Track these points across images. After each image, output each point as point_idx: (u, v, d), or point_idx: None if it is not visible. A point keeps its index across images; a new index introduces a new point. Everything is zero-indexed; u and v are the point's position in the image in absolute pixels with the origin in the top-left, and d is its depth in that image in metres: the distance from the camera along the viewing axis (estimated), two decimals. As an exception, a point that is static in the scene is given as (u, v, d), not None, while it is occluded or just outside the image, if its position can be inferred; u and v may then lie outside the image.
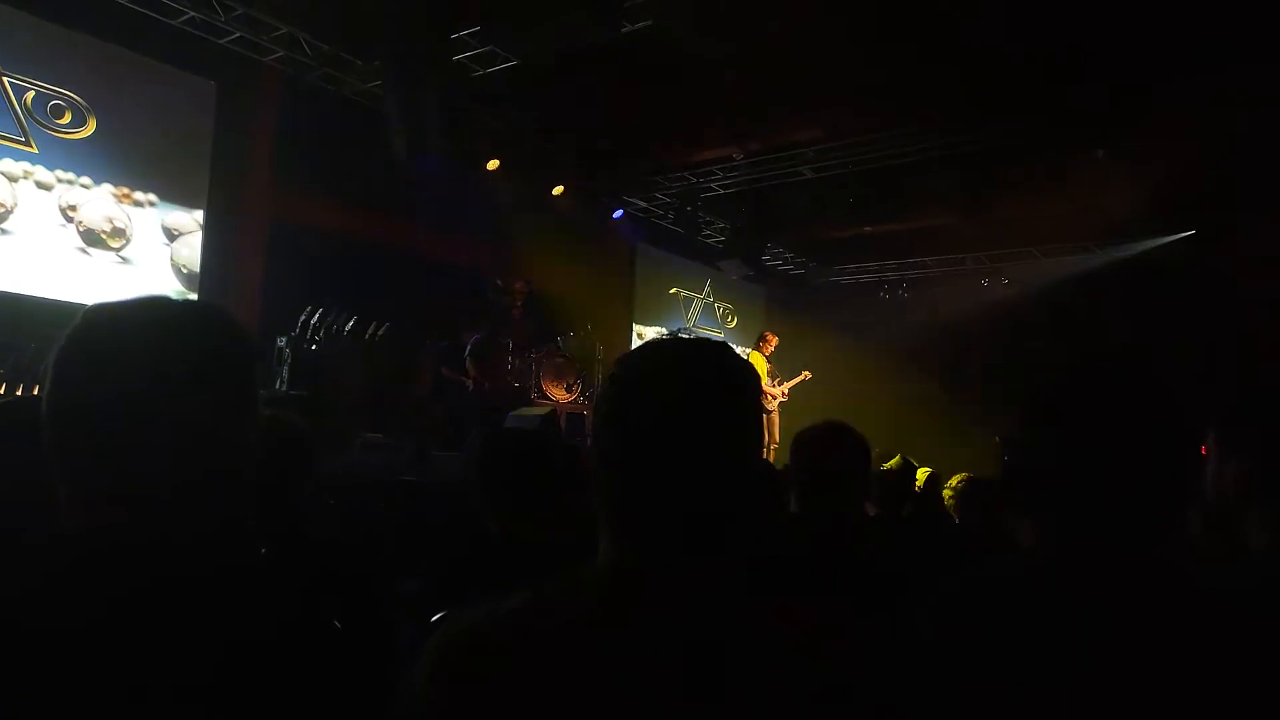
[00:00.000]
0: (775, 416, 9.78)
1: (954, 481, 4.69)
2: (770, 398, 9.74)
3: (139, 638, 0.81)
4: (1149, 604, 1.01)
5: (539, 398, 8.48)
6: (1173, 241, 10.74)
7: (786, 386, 9.97)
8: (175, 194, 7.74)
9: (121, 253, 7.21)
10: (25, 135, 6.78)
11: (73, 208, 6.92)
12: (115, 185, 7.29)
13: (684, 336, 1.06)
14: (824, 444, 2.02)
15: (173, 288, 7.46)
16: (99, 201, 7.07)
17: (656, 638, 0.88)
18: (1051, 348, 10.26)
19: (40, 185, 6.82)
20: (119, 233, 7.15)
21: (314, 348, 7.41)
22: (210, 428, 0.92)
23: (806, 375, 10.24)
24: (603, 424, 0.97)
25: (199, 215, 7.90)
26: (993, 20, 6.68)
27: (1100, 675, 0.97)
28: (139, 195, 7.38)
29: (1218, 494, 1.38)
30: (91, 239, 7.03)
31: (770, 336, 10.10)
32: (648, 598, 0.90)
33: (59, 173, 6.94)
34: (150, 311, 0.94)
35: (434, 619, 1.75)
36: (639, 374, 0.99)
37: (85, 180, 7.09)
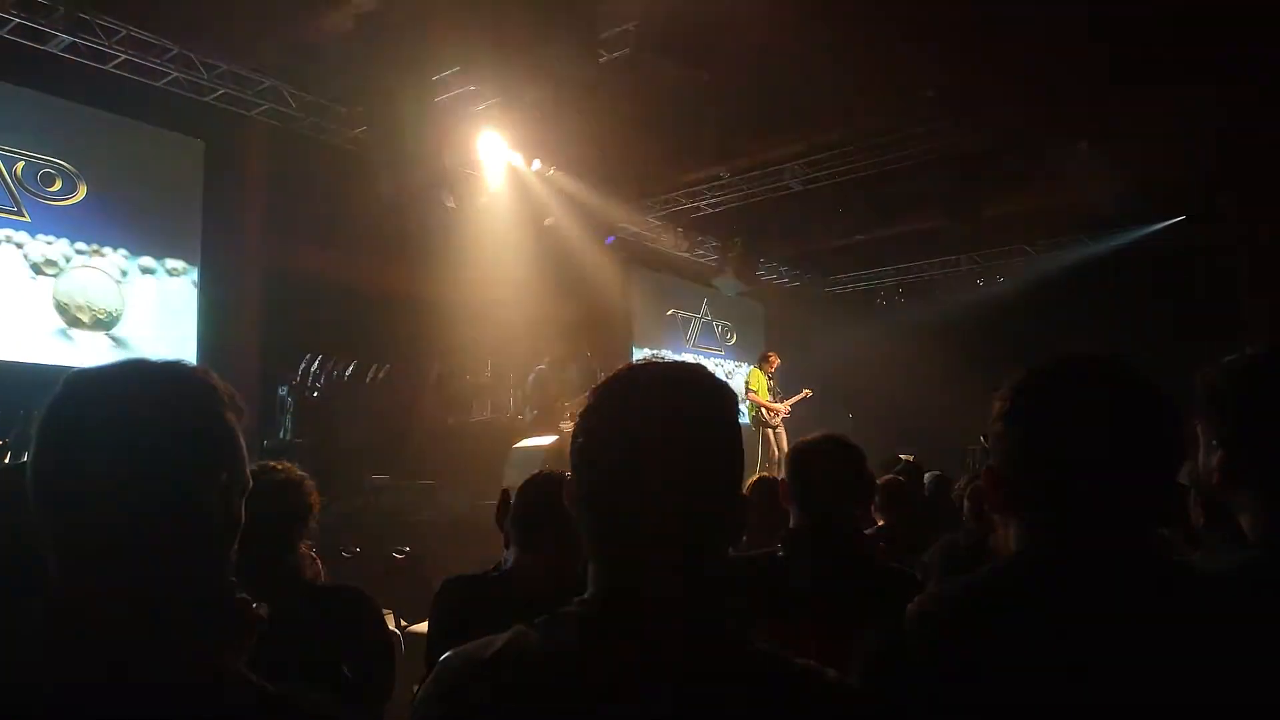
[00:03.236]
0: (782, 432, 9.77)
1: (963, 483, 4.67)
2: (774, 413, 9.74)
3: (131, 710, 0.82)
4: (1137, 602, 1.01)
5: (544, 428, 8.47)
6: (1165, 227, 10.76)
7: (788, 404, 10.00)
8: (169, 252, 7.80)
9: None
10: (17, 205, 6.86)
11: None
12: (111, 249, 7.37)
13: (657, 360, 1.06)
14: (818, 457, 2.02)
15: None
16: (36, 243, 7.09)
17: (645, 668, 0.88)
18: (1051, 342, 10.24)
19: (15, 244, 6.88)
20: (52, 263, 7.14)
21: (316, 395, 7.43)
22: (194, 493, 0.92)
23: (807, 393, 10.28)
24: (580, 456, 0.97)
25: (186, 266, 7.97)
26: (969, 20, 6.73)
27: (1096, 676, 0.97)
28: (106, 249, 7.45)
29: (1205, 478, 1.38)
30: (36, 269, 7.06)
31: (773, 357, 10.15)
32: (636, 627, 0.90)
33: (44, 237, 7.01)
34: (130, 378, 0.95)
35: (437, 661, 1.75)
36: (614, 403, 0.99)
37: (80, 245, 7.17)
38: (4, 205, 6.79)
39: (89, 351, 7.02)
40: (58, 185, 7.11)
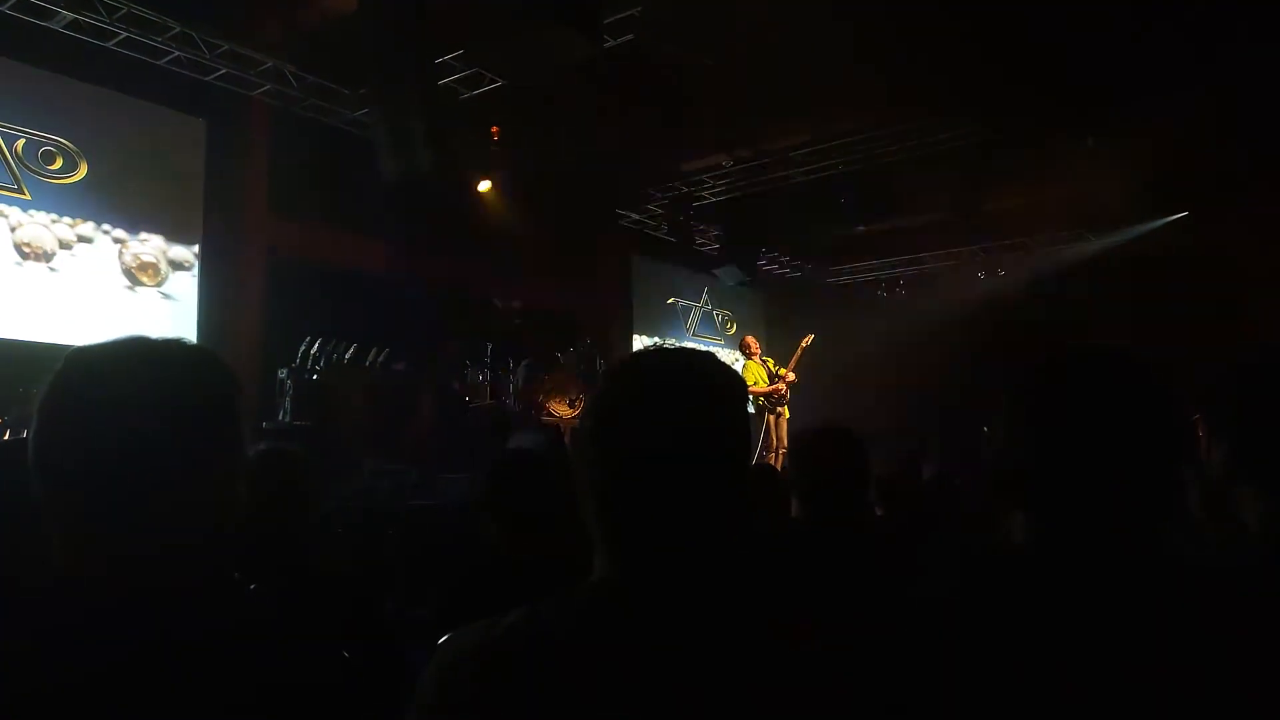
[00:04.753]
0: (783, 421, 9.75)
1: (965, 476, 4.67)
2: (778, 395, 9.67)
3: (131, 697, 0.82)
4: (1141, 597, 1.00)
5: (543, 415, 8.47)
6: (1169, 223, 10.74)
7: (792, 366, 9.85)
8: (170, 231, 7.78)
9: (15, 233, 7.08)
10: (18, 183, 6.83)
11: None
12: (109, 227, 7.35)
13: (668, 348, 1.05)
14: (821, 447, 2.02)
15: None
16: (24, 217, 7.02)
17: (648, 653, 0.88)
18: (1052, 336, 10.23)
19: (3, 216, 6.82)
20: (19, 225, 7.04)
21: (315, 377, 7.41)
22: (195, 472, 0.92)
23: (807, 341, 10.09)
24: (588, 441, 0.97)
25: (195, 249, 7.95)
26: (975, 13, 6.70)
27: (1099, 671, 0.97)
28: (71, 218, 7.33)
29: (1210, 473, 1.38)
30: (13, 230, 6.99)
31: (749, 340, 10.06)
32: (639, 613, 0.91)
33: (37, 214, 6.96)
34: (132, 355, 0.94)
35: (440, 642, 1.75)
36: (624, 390, 0.99)
37: (74, 221, 7.14)
38: (4, 183, 6.76)
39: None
40: (58, 163, 7.08)
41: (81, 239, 7.26)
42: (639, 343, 12.14)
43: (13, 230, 6.89)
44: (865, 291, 14.19)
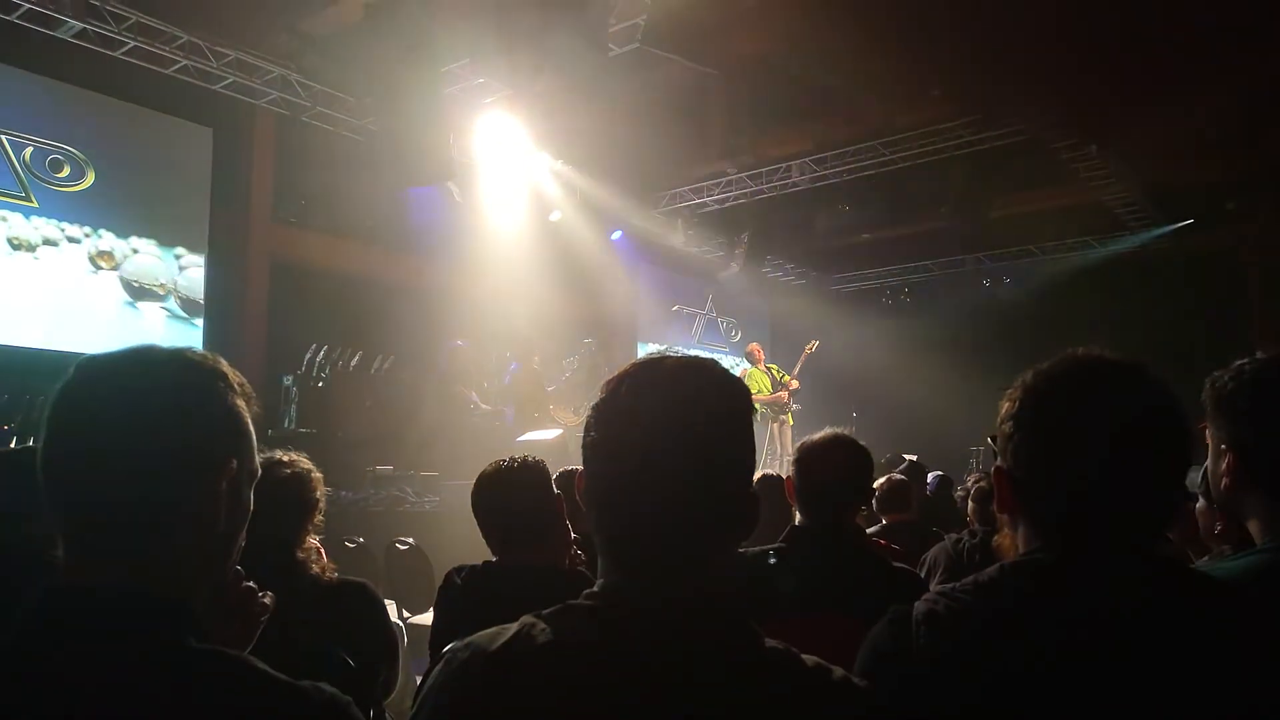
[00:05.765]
0: (788, 428, 9.75)
1: (968, 483, 4.66)
2: (781, 402, 9.67)
3: (133, 701, 0.82)
4: (1142, 603, 1.00)
5: (547, 422, 8.47)
6: (1172, 231, 10.72)
7: (795, 376, 9.85)
8: (177, 239, 7.81)
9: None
10: (25, 190, 6.87)
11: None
12: (114, 234, 7.38)
13: (672, 355, 1.05)
14: (825, 455, 2.02)
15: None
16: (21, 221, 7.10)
17: (657, 661, 0.88)
18: (1056, 344, 10.19)
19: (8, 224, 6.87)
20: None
21: (320, 384, 7.43)
22: (201, 479, 0.93)
23: (810, 348, 10.09)
24: (590, 450, 0.97)
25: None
26: (978, 22, 6.71)
27: (1100, 676, 0.97)
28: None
29: (1215, 479, 1.38)
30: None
31: (754, 348, 10.08)
32: (649, 621, 0.91)
33: (42, 221, 6.99)
34: (141, 364, 0.95)
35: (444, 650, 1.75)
36: (626, 397, 0.98)
37: (85, 229, 7.17)
38: (12, 190, 6.80)
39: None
40: (66, 171, 7.12)
41: (70, 240, 7.31)
42: (643, 349, 12.14)
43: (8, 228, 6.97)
44: (869, 299, 14.18)
